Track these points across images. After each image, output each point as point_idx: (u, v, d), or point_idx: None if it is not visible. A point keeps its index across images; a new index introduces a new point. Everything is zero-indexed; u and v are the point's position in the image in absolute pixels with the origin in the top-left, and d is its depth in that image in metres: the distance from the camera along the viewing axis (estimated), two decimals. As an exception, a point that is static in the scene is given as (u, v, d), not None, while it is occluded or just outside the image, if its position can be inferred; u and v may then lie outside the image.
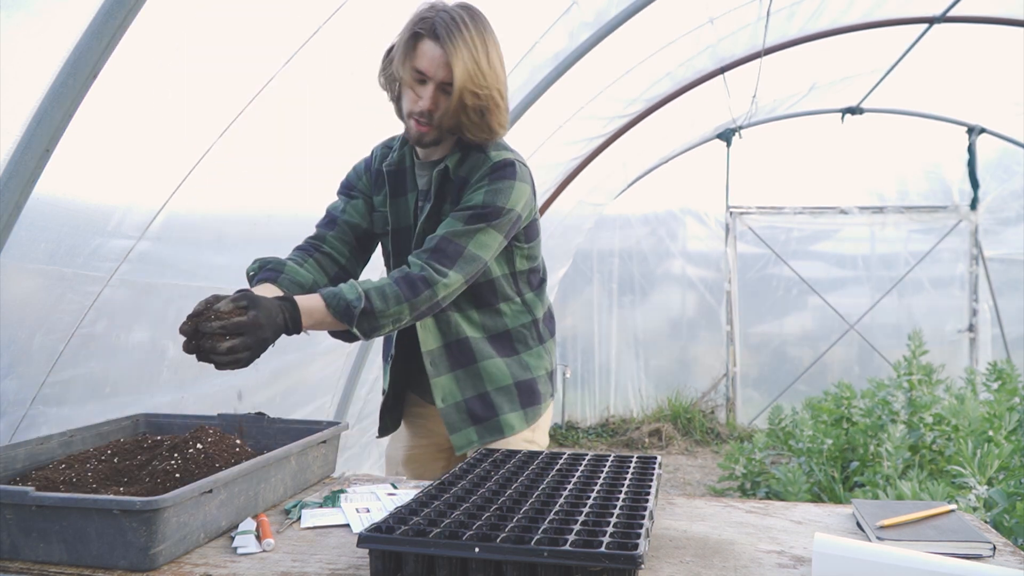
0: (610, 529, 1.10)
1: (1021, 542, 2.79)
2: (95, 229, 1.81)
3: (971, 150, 6.86)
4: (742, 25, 4.87)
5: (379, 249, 1.99)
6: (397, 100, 1.79)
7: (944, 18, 4.80)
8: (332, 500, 1.47)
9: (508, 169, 1.76)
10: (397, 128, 1.87)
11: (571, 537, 1.06)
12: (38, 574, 1.13)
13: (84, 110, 1.51)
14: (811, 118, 7.01)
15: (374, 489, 1.56)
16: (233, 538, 1.26)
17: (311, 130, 2.50)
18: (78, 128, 1.53)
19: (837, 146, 7.08)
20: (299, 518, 1.38)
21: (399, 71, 1.69)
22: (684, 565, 1.18)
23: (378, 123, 2.71)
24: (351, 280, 1.63)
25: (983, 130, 6.76)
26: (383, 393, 1.96)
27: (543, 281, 1.96)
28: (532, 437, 1.89)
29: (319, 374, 3.26)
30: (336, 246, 1.86)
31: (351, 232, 1.89)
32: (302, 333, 1.52)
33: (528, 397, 1.87)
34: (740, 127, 7.10)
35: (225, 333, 1.37)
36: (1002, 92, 5.99)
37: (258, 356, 1.43)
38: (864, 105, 6.71)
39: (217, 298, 1.42)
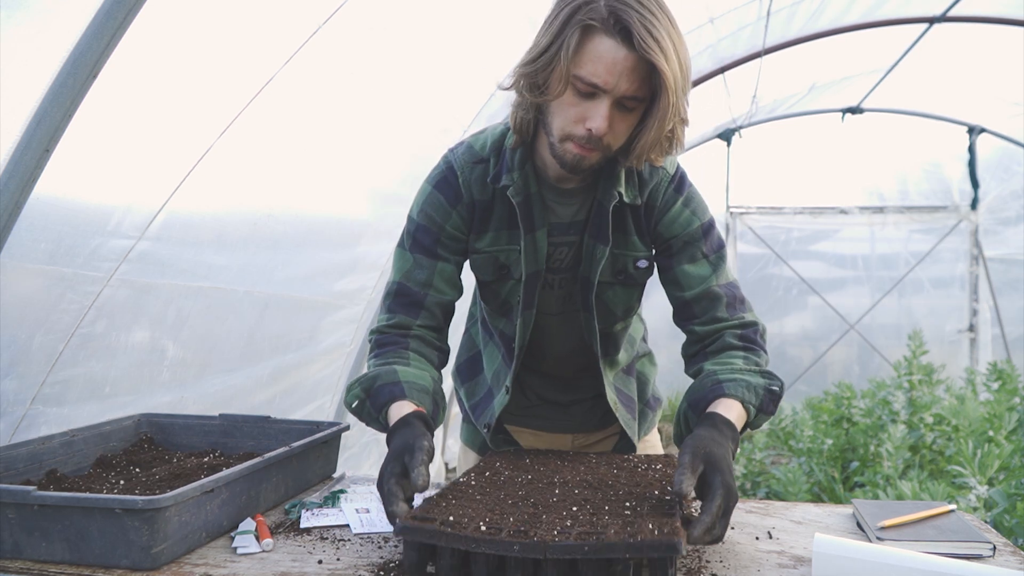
0: (645, 521, 1.09)
1: (1021, 542, 2.79)
2: (95, 229, 1.81)
3: (971, 150, 6.86)
4: (742, 25, 4.87)
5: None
6: (535, 108, 1.34)
7: (944, 18, 4.80)
8: (332, 500, 1.47)
9: (685, 176, 1.52)
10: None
11: (612, 530, 1.05)
12: (40, 573, 1.13)
13: (84, 110, 1.51)
14: (811, 118, 7.01)
15: (374, 489, 1.56)
16: (233, 538, 1.26)
17: (311, 130, 2.50)
18: (78, 128, 1.53)
19: (837, 146, 7.08)
20: (299, 518, 1.38)
21: (555, 77, 1.23)
22: (684, 565, 1.18)
23: (378, 123, 2.71)
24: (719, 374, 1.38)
25: (983, 130, 6.76)
26: (486, 428, 1.66)
27: None
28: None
29: (319, 374, 3.25)
30: (426, 333, 1.50)
31: (441, 313, 1.50)
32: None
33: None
34: (740, 127, 7.10)
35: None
36: (1002, 92, 5.99)
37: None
38: (864, 105, 6.72)
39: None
